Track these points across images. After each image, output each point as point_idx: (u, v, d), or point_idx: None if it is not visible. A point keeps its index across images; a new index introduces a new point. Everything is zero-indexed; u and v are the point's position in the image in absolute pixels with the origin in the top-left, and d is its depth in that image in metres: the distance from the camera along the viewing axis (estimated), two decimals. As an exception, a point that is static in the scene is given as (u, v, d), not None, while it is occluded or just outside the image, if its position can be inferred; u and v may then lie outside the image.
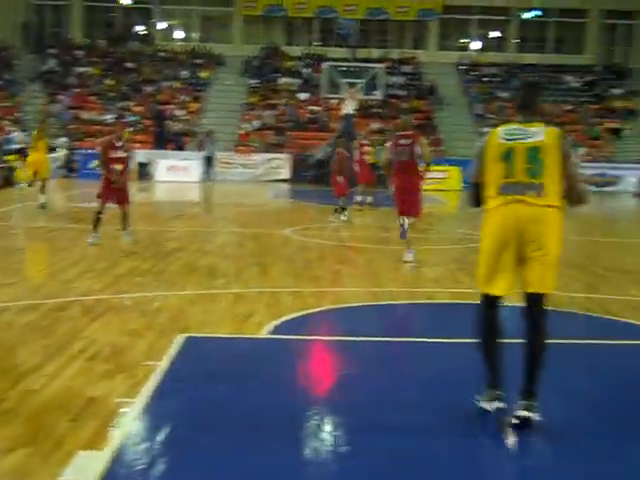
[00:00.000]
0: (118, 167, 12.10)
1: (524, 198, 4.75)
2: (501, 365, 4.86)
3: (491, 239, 4.82)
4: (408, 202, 11.02)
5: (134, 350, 6.18)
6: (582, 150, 31.43)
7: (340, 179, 16.82)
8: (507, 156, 4.85)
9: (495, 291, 4.80)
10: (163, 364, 5.76)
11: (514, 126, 4.96)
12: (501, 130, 4.97)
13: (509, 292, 4.81)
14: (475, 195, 5.06)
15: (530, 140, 4.84)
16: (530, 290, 4.75)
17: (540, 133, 4.87)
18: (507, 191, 4.80)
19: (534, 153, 4.82)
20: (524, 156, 4.82)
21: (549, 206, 4.74)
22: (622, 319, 7.89)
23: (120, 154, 12.16)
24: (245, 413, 4.92)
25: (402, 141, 11.03)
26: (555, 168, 4.80)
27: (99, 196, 12.18)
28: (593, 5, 40.77)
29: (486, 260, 4.82)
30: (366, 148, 20.28)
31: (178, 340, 6.45)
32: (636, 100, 37.79)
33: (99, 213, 12.01)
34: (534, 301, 4.76)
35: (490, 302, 4.86)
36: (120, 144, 12.25)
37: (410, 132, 11.20)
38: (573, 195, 4.90)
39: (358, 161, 19.65)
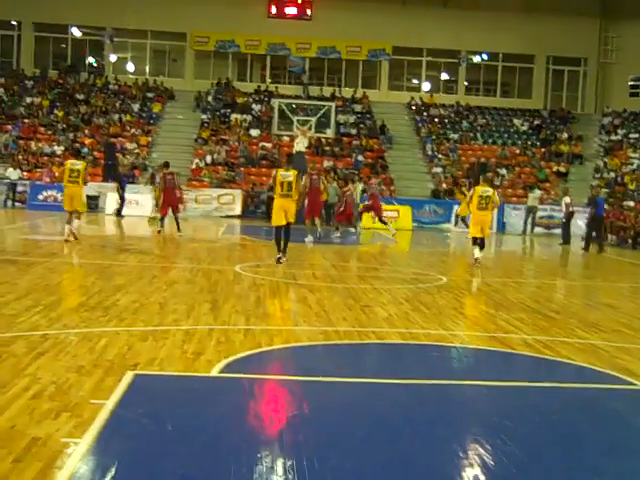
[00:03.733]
0: None
1: (287, 199, 15.01)
2: (280, 245, 15.10)
3: (277, 208, 15.13)
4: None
5: (80, 388, 6.03)
6: (538, 192, 31.18)
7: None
8: (282, 184, 14.95)
9: (278, 224, 15.11)
10: (110, 403, 5.62)
11: (283, 172, 15.07)
12: (281, 172, 15.06)
13: (281, 223, 15.02)
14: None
15: (289, 178, 14.98)
16: (288, 220, 15.15)
17: (291, 175, 15.04)
18: (282, 195, 15.01)
19: (290, 183, 14.97)
20: (287, 184, 14.92)
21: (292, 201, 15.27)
22: (570, 361, 7.95)
23: None
24: (193, 453, 4.82)
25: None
26: (295, 187, 15.08)
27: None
28: (540, 51, 41.72)
29: (275, 216, 15.18)
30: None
31: (126, 378, 6.32)
32: (581, 145, 38.60)
33: None
34: (288, 225, 15.06)
35: (279, 227, 15.14)
36: None
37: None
38: (301, 195, 15.93)
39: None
